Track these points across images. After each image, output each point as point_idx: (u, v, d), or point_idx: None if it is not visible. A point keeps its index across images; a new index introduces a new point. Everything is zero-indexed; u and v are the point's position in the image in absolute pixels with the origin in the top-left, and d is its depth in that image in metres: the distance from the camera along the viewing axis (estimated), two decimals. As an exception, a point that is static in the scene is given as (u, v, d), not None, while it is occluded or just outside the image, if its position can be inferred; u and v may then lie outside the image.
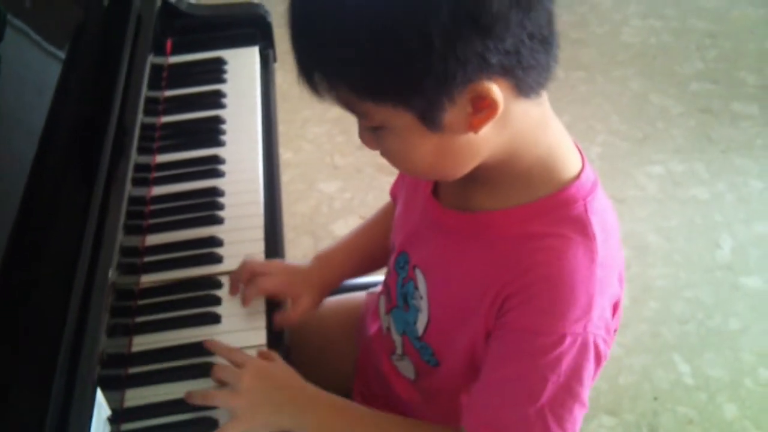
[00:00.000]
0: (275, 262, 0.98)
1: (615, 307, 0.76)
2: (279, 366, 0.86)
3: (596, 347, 0.72)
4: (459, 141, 0.67)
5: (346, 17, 0.62)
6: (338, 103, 0.68)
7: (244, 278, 0.94)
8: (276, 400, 0.83)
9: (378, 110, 0.65)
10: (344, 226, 1.92)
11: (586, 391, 0.74)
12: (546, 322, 0.71)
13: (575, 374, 0.72)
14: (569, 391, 0.72)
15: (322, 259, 1.00)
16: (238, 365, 0.84)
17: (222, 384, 0.83)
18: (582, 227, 0.71)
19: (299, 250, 1.86)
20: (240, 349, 0.87)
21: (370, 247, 1.00)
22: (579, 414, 0.74)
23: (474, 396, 0.78)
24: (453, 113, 0.64)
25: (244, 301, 0.93)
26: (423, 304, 0.82)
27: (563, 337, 0.70)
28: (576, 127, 2.13)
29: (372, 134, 0.70)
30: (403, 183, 0.92)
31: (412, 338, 0.86)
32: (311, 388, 0.85)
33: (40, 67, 0.95)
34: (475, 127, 0.65)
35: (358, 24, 0.61)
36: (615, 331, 0.77)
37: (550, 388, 0.72)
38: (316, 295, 0.96)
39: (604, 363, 0.74)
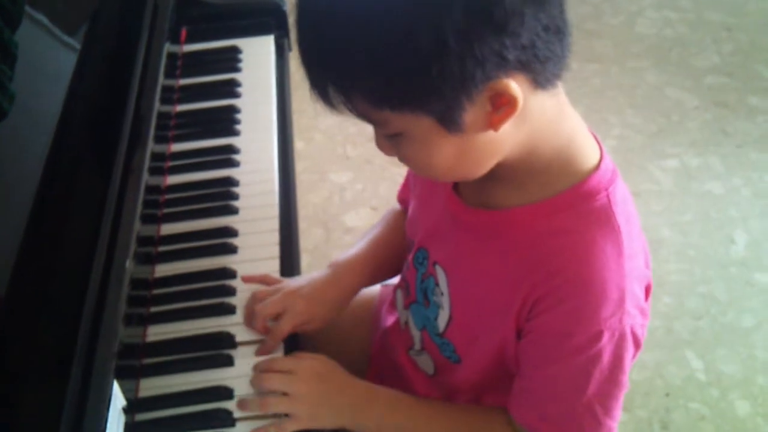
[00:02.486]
0: (286, 291, 0.90)
1: (647, 290, 0.76)
2: (326, 364, 0.85)
3: (634, 335, 0.72)
4: (479, 140, 0.66)
5: (356, 28, 0.61)
6: (354, 114, 0.66)
7: (260, 327, 0.88)
8: (336, 402, 0.83)
9: (396, 117, 0.64)
10: (356, 218, 1.92)
11: (627, 375, 0.74)
12: (581, 322, 0.71)
13: (617, 365, 0.72)
14: (613, 380, 0.73)
15: (339, 270, 0.94)
16: (287, 372, 0.83)
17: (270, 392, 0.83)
18: (607, 219, 0.71)
19: (310, 241, 1.85)
20: (281, 357, 0.86)
21: (386, 256, 0.96)
22: (622, 396, 0.75)
23: (518, 391, 0.78)
24: (472, 113, 0.63)
25: (263, 353, 0.87)
26: (444, 301, 0.81)
27: (600, 333, 0.70)
28: (590, 119, 2.08)
29: (390, 141, 0.69)
30: (414, 181, 0.91)
31: (432, 334, 0.85)
32: (365, 385, 0.85)
33: (56, 56, 0.95)
34: (495, 125, 0.65)
35: (370, 33, 0.60)
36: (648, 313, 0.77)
37: (594, 382, 0.72)
38: (329, 312, 0.92)
39: (643, 343, 0.75)
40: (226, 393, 0.83)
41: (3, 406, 0.65)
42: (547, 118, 0.69)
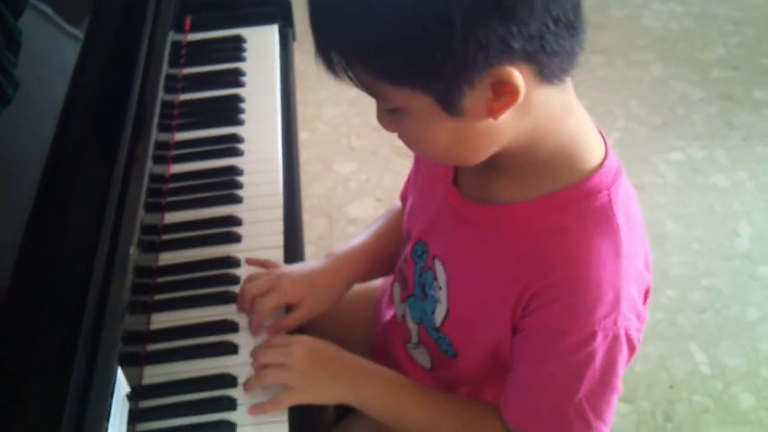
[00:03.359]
0: (277, 273, 0.91)
1: (646, 294, 0.75)
2: (322, 340, 0.85)
3: (628, 338, 0.71)
4: (478, 127, 0.65)
5: None
6: (355, 84, 0.66)
7: (247, 306, 0.89)
8: (331, 371, 0.82)
9: (396, 93, 0.64)
10: (360, 208, 1.92)
11: (620, 378, 0.73)
12: (575, 321, 0.70)
13: (610, 367, 0.71)
14: (605, 383, 0.72)
15: (336, 260, 0.94)
16: (283, 346, 0.83)
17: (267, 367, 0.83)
18: (606, 219, 0.70)
19: (314, 231, 1.85)
20: (280, 335, 0.86)
21: (386, 249, 0.96)
22: (615, 400, 0.74)
23: (510, 391, 0.77)
24: (472, 98, 0.63)
25: (253, 332, 0.88)
26: (442, 295, 0.81)
27: (594, 334, 0.69)
28: (595, 112, 2.07)
29: (390, 116, 0.69)
30: (417, 172, 0.90)
31: (429, 328, 0.85)
32: (361, 360, 0.85)
33: (60, 46, 0.95)
34: (494, 113, 0.64)
35: (377, 4, 0.60)
36: (645, 317, 0.76)
37: (586, 384, 0.71)
38: (320, 300, 0.91)
39: (638, 348, 0.73)
40: (230, 380, 0.83)
41: (8, 393, 0.65)
42: (551, 112, 0.67)
